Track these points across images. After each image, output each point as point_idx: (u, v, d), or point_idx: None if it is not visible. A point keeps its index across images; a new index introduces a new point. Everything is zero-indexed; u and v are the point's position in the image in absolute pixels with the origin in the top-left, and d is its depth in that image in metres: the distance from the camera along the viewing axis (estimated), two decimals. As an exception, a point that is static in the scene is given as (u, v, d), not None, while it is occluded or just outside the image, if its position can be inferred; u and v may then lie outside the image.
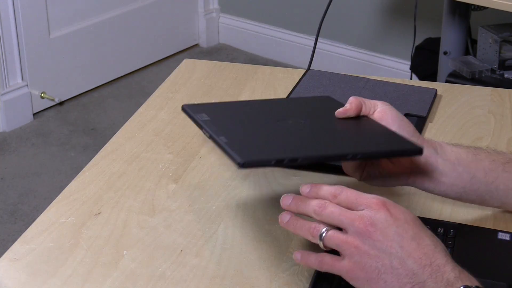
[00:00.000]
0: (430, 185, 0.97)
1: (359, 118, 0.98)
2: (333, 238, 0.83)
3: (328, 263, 0.83)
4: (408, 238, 0.80)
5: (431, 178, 0.97)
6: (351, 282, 0.82)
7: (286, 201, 0.87)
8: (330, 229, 0.83)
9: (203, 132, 0.92)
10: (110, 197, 1.10)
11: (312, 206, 0.84)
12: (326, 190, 0.85)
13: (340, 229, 0.83)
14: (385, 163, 0.97)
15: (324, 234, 0.83)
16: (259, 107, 1.05)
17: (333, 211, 0.83)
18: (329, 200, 0.84)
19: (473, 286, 0.78)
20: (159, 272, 0.96)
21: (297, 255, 0.86)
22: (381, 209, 0.81)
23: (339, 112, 0.98)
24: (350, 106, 0.97)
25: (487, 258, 0.94)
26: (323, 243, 0.83)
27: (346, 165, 0.99)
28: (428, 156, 0.96)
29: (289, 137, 0.94)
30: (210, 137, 0.90)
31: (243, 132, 0.95)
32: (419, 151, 0.91)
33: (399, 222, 0.81)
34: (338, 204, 0.83)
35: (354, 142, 0.95)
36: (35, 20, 2.97)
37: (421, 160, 0.96)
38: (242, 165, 0.83)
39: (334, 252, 0.84)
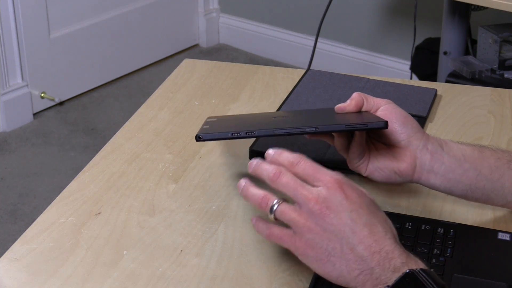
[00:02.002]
0: (435, 181, 0.97)
1: (358, 112, 0.98)
2: (284, 213, 0.83)
3: (277, 236, 0.84)
4: (361, 224, 0.80)
5: (436, 175, 0.97)
6: (300, 258, 0.83)
7: (250, 164, 0.87)
8: (282, 202, 0.83)
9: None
10: (110, 197, 1.10)
11: (268, 172, 0.84)
12: (286, 157, 0.85)
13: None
14: (389, 158, 0.97)
15: (275, 207, 0.83)
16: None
17: (288, 182, 0.83)
18: (287, 168, 0.84)
19: (418, 269, 0.78)
20: (159, 272, 0.96)
21: (252, 220, 0.87)
22: (337, 190, 0.81)
23: (339, 107, 0.98)
24: (350, 102, 0.98)
25: (487, 258, 0.94)
26: (274, 216, 0.83)
27: (350, 160, 0.99)
28: (434, 152, 0.96)
29: (260, 122, 0.98)
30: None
31: (226, 125, 1.01)
32: (385, 124, 0.92)
33: (353, 206, 0.81)
34: (296, 174, 0.83)
35: (321, 121, 0.97)
36: (35, 20, 2.97)
37: (426, 156, 0.96)
38: (199, 138, 0.95)
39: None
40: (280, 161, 0.85)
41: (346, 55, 3.30)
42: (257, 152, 1.18)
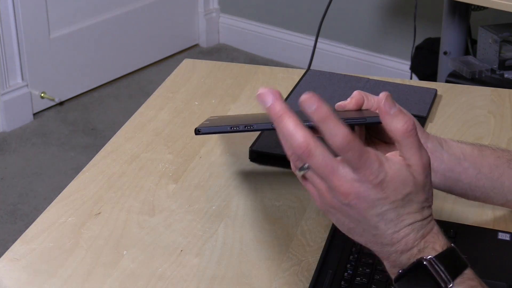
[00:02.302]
0: (435, 180, 0.97)
1: (359, 110, 0.98)
2: (315, 180, 0.77)
3: (308, 186, 0.78)
4: (389, 220, 0.77)
5: (436, 173, 0.97)
6: (325, 211, 0.78)
7: (266, 98, 0.75)
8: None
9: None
10: (110, 197, 1.10)
11: (294, 144, 0.74)
12: (332, 131, 0.73)
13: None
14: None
15: (306, 169, 0.76)
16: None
17: (320, 168, 0.74)
18: (333, 147, 0.74)
19: (431, 257, 0.76)
20: (159, 272, 0.96)
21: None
22: (375, 188, 0.75)
23: (339, 105, 0.98)
24: (350, 100, 0.98)
25: (487, 258, 0.94)
26: (303, 173, 0.77)
27: None
28: (433, 150, 0.96)
29: (259, 119, 0.99)
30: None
31: (226, 121, 1.02)
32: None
33: (386, 203, 0.76)
34: (343, 155, 0.74)
35: None
36: (35, 20, 2.97)
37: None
38: (198, 131, 0.92)
39: None
40: (325, 134, 0.73)
41: (346, 55, 3.30)
42: (257, 152, 1.18)
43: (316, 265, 0.94)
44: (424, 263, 0.76)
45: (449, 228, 0.98)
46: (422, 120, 1.27)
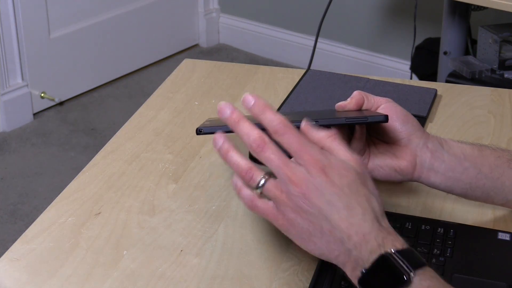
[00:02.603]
0: (435, 180, 0.97)
1: (359, 110, 0.98)
2: (270, 190, 0.81)
3: (261, 210, 0.83)
4: (340, 207, 0.79)
5: (436, 173, 0.97)
6: (284, 233, 0.83)
7: (224, 110, 0.82)
8: (269, 179, 0.81)
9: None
10: (110, 197, 1.10)
11: (250, 138, 0.81)
12: (270, 120, 0.80)
13: None
14: (389, 156, 0.97)
15: (262, 183, 0.81)
16: None
17: (272, 159, 0.80)
18: (271, 133, 0.80)
19: (392, 250, 0.77)
20: (159, 272, 0.96)
21: (234, 181, 0.84)
22: (318, 172, 0.79)
23: (339, 105, 0.98)
24: (350, 100, 0.98)
25: (487, 258, 0.94)
26: (261, 192, 0.82)
27: None
28: (434, 150, 0.96)
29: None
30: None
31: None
32: (385, 118, 0.92)
33: (333, 189, 0.79)
34: (282, 145, 0.80)
35: (321, 116, 0.96)
36: (35, 20, 2.97)
37: (427, 154, 0.96)
38: (199, 131, 0.94)
39: None
40: (263, 122, 0.81)
41: (346, 55, 3.30)
42: None
43: (316, 265, 0.94)
44: (386, 255, 0.77)
45: (449, 228, 0.98)
46: (422, 120, 1.27)
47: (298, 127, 0.94)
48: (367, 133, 0.99)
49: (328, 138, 0.83)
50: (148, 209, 1.07)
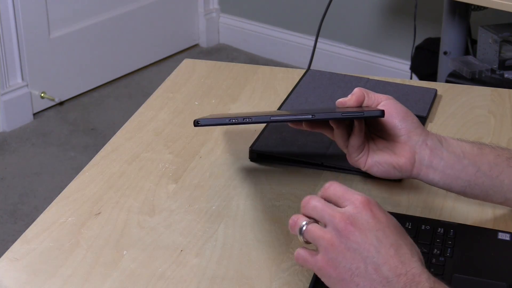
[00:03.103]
0: (434, 177, 0.97)
1: (359, 107, 0.99)
2: (311, 231, 0.81)
3: (302, 257, 0.82)
4: (387, 244, 0.78)
5: (435, 170, 0.97)
6: (323, 279, 0.81)
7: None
8: (311, 223, 0.81)
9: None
10: (110, 197, 1.10)
11: (303, 201, 0.83)
12: (322, 186, 0.84)
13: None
14: (388, 152, 0.97)
15: (304, 228, 0.81)
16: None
17: (316, 206, 0.81)
18: (320, 195, 0.83)
19: None
20: (159, 272, 0.96)
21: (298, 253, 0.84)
22: (364, 209, 0.79)
23: (340, 101, 0.98)
24: (351, 97, 0.98)
25: (487, 258, 0.94)
26: (302, 237, 0.82)
27: (349, 154, 0.99)
28: (433, 148, 0.96)
29: (259, 113, 0.98)
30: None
31: (226, 115, 1.01)
32: (381, 113, 0.92)
33: (380, 226, 0.79)
34: (326, 198, 0.82)
35: (319, 111, 0.96)
36: (35, 20, 2.97)
37: (426, 151, 0.96)
38: (197, 123, 0.93)
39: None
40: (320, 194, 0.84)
41: (346, 55, 3.30)
42: (257, 152, 1.18)
43: (316, 265, 0.94)
44: None
45: (449, 228, 0.98)
46: (422, 120, 1.27)
47: (301, 120, 0.95)
48: (366, 129, 0.99)
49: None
50: (148, 209, 1.07)
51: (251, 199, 1.09)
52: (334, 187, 0.82)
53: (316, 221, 0.82)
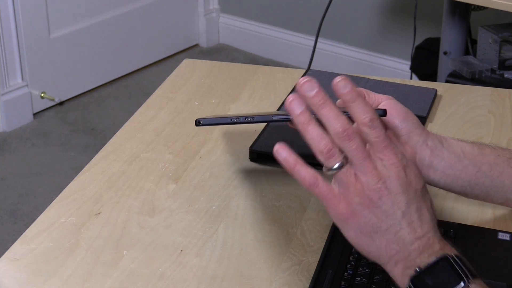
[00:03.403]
0: (435, 177, 0.97)
1: None
2: (347, 176, 0.78)
3: (321, 190, 0.79)
4: (413, 209, 0.79)
5: (436, 171, 0.97)
6: (339, 226, 0.80)
7: (307, 87, 0.81)
8: (347, 164, 0.78)
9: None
10: (110, 197, 1.10)
11: (337, 125, 0.78)
12: (362, 109, 0.78)
13: None
14: None
15: (339, 166, 0.78)
16: None
17: (357, 150, 0.78)
18: (360, 123, 0.78)
19: (453, 254, 0.78)
20: (159, 272, 0.96)
21: (287, 157, 0.81)
22: (400, 173, 0.78)
23: (339, 102, 0.98)
24: None
25: (487, 258, 0.94)
26: (333, 173, 0.79)
27: None
28: (433, 148, 0.96)
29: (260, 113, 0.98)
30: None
31: (227, 115, 1.01)
32: (383, 112, 0.92)
33: (410, 191, 0.79)
34: (366, 137, 0.78)
35: None
36: (35, 20, 2.97)
37: (426, 151, 0.96)
38: (199, 123, 0.92)
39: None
40: (353, 111, 0.79)
41: (346, 55, 3.30)
42: (257, 152, 1.18)
43: (316, 265, 0.94)
44: (448, 257, 0.77)
45: (449, 228, 0.98)
46: (422, 120, 1.27)
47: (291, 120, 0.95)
48: None
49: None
50: (148, 209, 1.07)
51: (251, 199, 1.09)
52: (378, 132, 0.78)
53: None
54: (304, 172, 0.80)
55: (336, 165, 0.78)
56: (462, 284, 0.76)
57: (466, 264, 0.78)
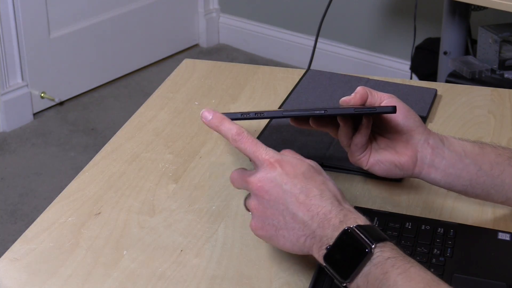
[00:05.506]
0: (436, 176, 0.97)
1: (362, 105, 0.99)
2: (245, 204, 0.90)
3: (247, 143, 0.88)
4: (297, 193, 0.85)
5: (437, 169, 0.97)
6: (259, 236, 0.89)
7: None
8: (247, 196, 0.89)
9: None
10: (110, 197, 1.10)
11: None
12: (228, 129, 0.89)
13: None
14: (390, 151, 0.97)
15: (245, 200, 0.90)
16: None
17: (232, 177, 0.90)
18: (230, 140, 0.88)
19: (354, 225, 0.82)
20: (159, 272, 0.96)
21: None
22: (272, 168, 0.86)
23: (343, 100, 0.98)
24: (355, 95, 0.98)
25: (487, 258, 0.94)
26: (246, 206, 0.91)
27: (352, 153, 0.99)
28: (435, 147, 0.96)
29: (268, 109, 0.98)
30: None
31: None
32: (393, 109, 0.92)
33: (288, 178, 0.85)
34: (239, 149, 0.88)
35: (330, 107, 0.97)
36: (35, 20, 2.97)
37: (427, 150, 0.96)
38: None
39: None
40: (222, 132, 0.89)
41: (346, 55, 3.30)
42: None
43: (316, 265, 0.94)
44: (348, 230, 0.81)
45: (449, 228, 0.98)
46: (422, 120, 1.27)
47: (313, 116, 0.95)
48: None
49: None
50: (148, 209, 1.07)
51: (251, 199, 1.09)
52: (244, 143, 0.88)
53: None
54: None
55: (245, 200, 0.91)
56: (367, 250, 0.79)
57: (369, 231, 0.81)
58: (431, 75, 2.58)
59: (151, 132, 1.26)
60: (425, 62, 2.67)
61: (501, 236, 0.98)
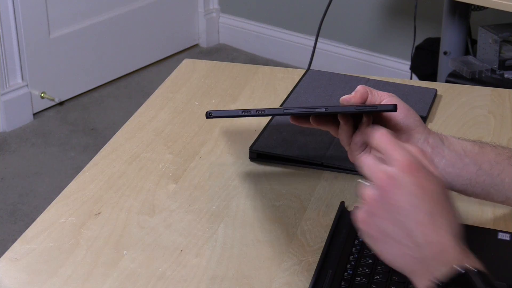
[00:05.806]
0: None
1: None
2: (362, 190, 0.81)
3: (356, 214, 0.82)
4: (423, 211, 0.78)
5: (437, 169, 0.97)
6: (360, 230, 0.81)
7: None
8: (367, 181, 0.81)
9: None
10: (110, 197, 1.10)
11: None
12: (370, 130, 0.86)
13: None
14: None
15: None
16: None
17: (364, 163, 0.82)
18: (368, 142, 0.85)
19: (473, 269, 0.76)
20: (159, 272, 0.96)
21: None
22: (408, 173, 0.79)
23: (344, 98, 0.98)
24: (355, 94, 0.98)
25: (487, 258, 0.94)
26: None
27: (351, 152, 0.99)
28: (434, 146, 0.96)
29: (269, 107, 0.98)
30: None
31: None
32: (394, 107, 0.92)
33: (420, 192, 0.78)
34: (374, 147, 0.84)
35: (331, 104, 0.96)
36: (35, 20, 2.97)
37: (427, 149, 0.96)
38: (209, 115, 0.91)
39: None
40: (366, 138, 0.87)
41: (346, 55, 3.30)
42: (257, 152, 1.18)
43: (316, 265, 0.94)
44: (468, 274, 0.75)
45: (449, 228, 0.98)
46: (422, 119, 1.27)
47: (308, 114, 0.95)
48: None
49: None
50: (148, 209, 1.07)
51: (251, 199, 1.09)
52: (376, 141, 0.83)
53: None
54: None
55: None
56: None
57: (485, 279, 0.76)
58: (431, 75, 2.58)
59: (151, 132, 1.26)
60: (425, 62, 2.67)
61: (501, 236, 0.98)
